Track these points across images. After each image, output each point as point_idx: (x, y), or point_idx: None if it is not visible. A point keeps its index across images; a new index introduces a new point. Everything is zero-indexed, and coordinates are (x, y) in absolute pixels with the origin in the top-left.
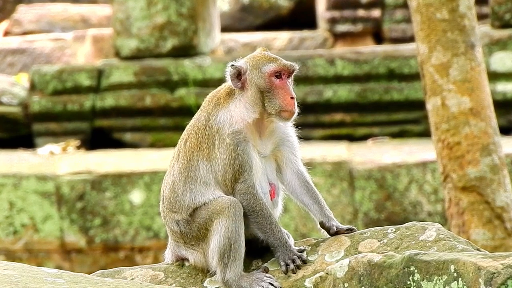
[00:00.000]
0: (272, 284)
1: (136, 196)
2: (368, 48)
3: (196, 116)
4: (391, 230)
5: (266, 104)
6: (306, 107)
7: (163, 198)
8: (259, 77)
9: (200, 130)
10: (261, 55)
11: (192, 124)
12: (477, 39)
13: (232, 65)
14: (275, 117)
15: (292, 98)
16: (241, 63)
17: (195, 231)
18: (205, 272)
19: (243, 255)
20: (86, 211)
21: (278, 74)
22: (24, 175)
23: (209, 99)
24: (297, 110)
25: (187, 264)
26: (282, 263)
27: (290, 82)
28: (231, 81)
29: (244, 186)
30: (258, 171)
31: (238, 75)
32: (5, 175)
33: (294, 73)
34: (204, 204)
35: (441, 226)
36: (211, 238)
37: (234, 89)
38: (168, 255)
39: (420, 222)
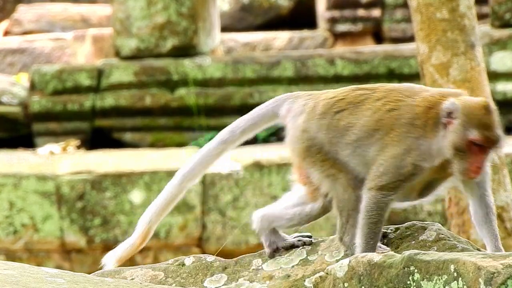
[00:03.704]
0: None
1: (136, 196)
2: (368, 48)
3: (409, 110)
4: (391, 230)
5: (451, 157)
6: None
7: None
8: (460, 136)
9: (403, 131)
10: (478, 112)
11: (402, 122)
12: (477, 39)
13: (453, 103)
14: (453, 172)
15: (478, 167)
16: (457, 107)
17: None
18: (204, 272)
19: None
20: (86, 211)
21: (479, 144)
22: (24, 175)
23: (423, 111)
24: (479, 176)
25: (187, 264)
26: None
27: (491, 151)
28: (442, 114)
29: (381, 195)
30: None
31: (449, 113)
32: (5, 175)
33: (497, 147)
34: None
35: (441, 225)
36: None
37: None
38: None
39: (420, 222)
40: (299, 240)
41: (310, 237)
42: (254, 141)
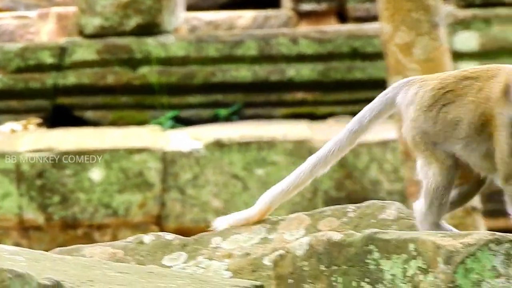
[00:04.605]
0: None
1: (96, 173)
2: (332, 27)
3: None
4: (351, 208)
5: None
6: (268, 86)
7: None
8: None
9: None
10: None
11: (495, 104)
12: (441, 19)
13: None
14: None
15: None
16: None
17: None
18: (163, 250)
19: None
20: (46, 188)
21: None
22: None
23: None
24: None
25: (146, 242)
26: None
27: None
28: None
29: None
30: None
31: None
32: None
33: None
34: None
35: (401, 205)
36: None
37: None
38: None
39: (380, 201)
40: None
41: None
42: (215, 119)
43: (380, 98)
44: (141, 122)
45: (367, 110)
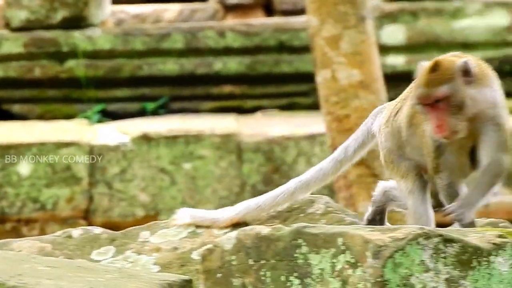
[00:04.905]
0: None
1: (24, 167)
2: (259, 20)
3: None
4: None
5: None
6: (195, 79)
7: None
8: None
9: None
10: (421, 74)
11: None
12: (368, 12)
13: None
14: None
15: (438, 126)
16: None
17: None
18: (92, 244)
19: None
20: None
21: (421, 103)
22: None
23: None
24: (453, 133)
25: (74, 236)
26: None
27: (446, 104)
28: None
29: (439, 179)
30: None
31: None
32: None
33: (442, 98)
34: None
35: (329, 199)
36: None
37: None
38: None
39: (309, 195)
40: None
41: None
42: (142, 113)
43: (362, 127)
44: (68, 116)
45: (352, 140)
